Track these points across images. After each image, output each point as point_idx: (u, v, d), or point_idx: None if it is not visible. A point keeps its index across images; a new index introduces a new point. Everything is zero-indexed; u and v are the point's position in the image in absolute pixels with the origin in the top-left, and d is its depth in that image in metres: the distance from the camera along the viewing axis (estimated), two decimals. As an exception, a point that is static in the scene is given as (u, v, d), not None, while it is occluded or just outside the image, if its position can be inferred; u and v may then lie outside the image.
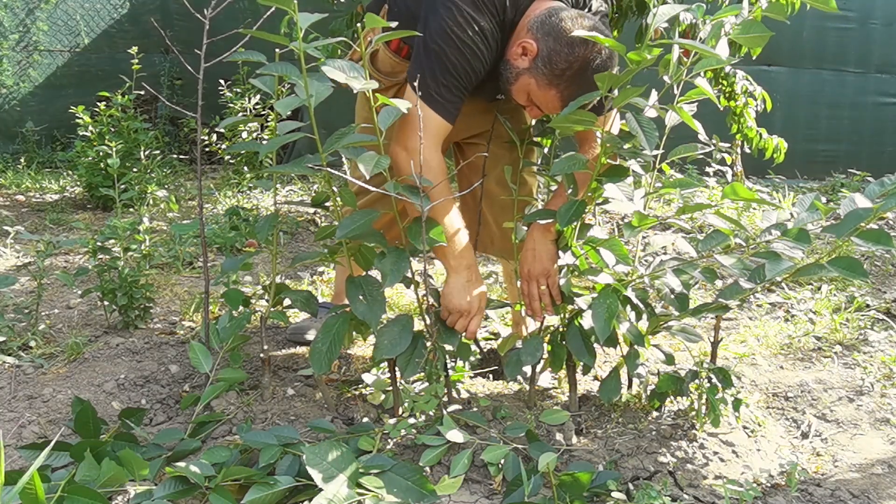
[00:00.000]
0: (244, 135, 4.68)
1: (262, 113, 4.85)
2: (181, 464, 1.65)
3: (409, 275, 1.92)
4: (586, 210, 1.87)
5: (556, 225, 1.96)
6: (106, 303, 2.61)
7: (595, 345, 1.98)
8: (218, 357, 2.05)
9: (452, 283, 1.93)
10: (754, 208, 4.36)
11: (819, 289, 3.12)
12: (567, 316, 2.04)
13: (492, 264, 3.59)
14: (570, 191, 1.95)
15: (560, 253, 1.98)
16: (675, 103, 1.88)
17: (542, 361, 2.08)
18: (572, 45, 1.78)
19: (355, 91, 1.70)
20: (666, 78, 1.97)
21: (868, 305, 2.94)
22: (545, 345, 2.05)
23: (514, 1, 1.85)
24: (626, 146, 1.81)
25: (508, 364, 2.03)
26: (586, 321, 1.97)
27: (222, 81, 4.96)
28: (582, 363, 2.03)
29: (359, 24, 1.70)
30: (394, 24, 1.69)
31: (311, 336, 2.50)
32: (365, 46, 1.72)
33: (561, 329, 2.04)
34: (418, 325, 2.01)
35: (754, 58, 4.21)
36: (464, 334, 1.97)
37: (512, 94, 1.91)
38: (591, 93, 1.69)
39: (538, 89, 1.85)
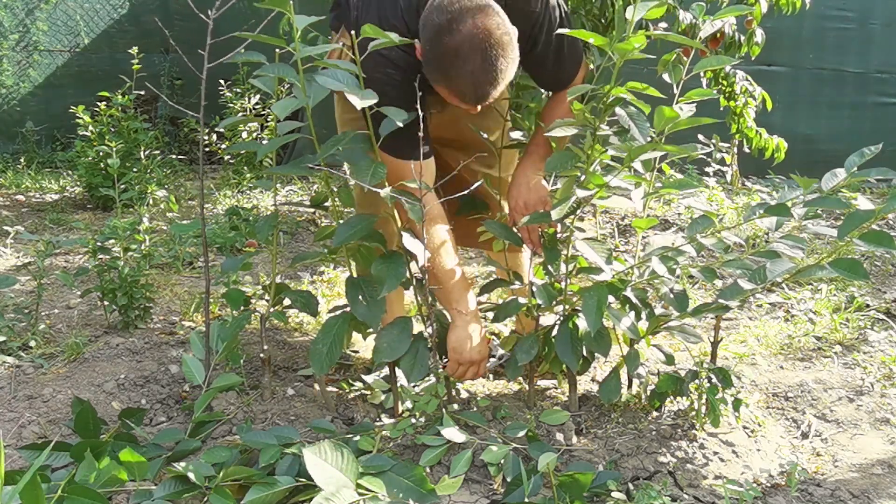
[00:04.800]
0: (244, 135, 4.68)
1: (262, 113, 4.85)
2: (181, 464, 1.65)
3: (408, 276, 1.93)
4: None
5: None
6: (106, 303, 2.61)
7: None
8: (214, 360, 2.05)
9: (461, 333, 1.92)
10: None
11: (819, 289, 3.12)
12: (561, 315, 2.03)
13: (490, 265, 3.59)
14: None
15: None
16: (675, 103, 1.88)
17: (541, 362, 2.08)
18: (437, 37, 1.65)
19: (358, 106, 1.67)
20: (666, 77, 1.98)
21: (868, 305, 2.94)
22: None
23: (412, 12, 1.76)
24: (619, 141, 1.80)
25: (509, 366, 2.03)
26: (581, 322, 1.96)
27: (222, 81, 4.96)
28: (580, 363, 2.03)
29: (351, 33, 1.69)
30: (395, 37, 1.67)
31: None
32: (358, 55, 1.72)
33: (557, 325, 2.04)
34: (416, 326, 2.01)
35: (754, 58, 4.20)
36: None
37: None
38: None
39: (437, 88, 1.75)
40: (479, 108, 1.75)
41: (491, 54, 1.64)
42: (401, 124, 1.70)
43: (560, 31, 1.79)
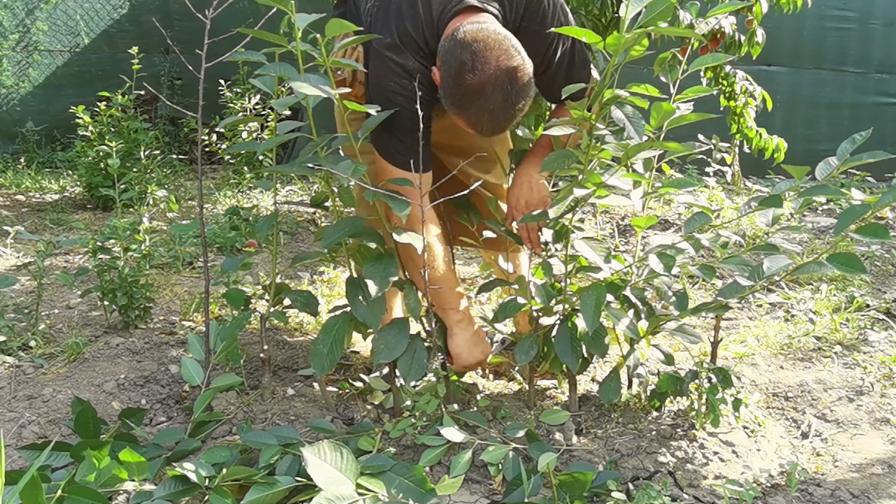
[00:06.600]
0: (244, 135, 4.68)
1: (262, 113, 4.85)
2: (181, 464, 1.65)
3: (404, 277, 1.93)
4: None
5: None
6: (106, 303, 2.61)
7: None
8: (214, 360, 2.05)
9: (460, 340, 1.95)
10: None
11: (819, 289, 3.12)
12: (560, 315, 2.03)
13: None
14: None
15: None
16: (672, 102, 1.88)
17: (541, 362, 2.08)
18: (459, 74, 1.66)
19: (335, 99, 1.68)
20: (663, 77, 1.97)
21: (868, 305, 2.94)
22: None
23: (433, 28, 1.76)
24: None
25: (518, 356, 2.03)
26: (581, 322, 1.96)
27: (222, 81, 4.96)
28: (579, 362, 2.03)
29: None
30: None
31: None
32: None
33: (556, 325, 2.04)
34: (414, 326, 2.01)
35: (754, 58, 4.21)
36: None
37: None
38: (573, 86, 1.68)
39: (452, 116, 1.76)
40: None
41: (511, 94, 1.67)
42: (375, 109, 1.70)
43: (552, 30, 1.79)
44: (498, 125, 1.72)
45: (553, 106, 2.12)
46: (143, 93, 4.47)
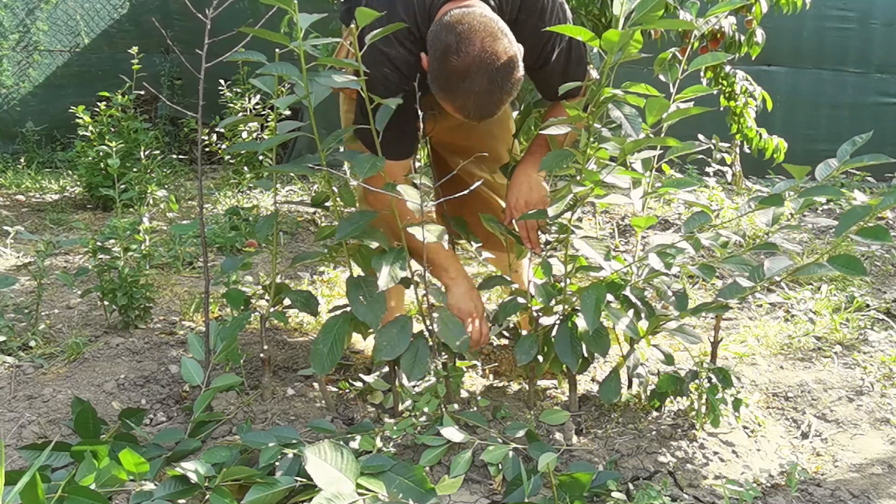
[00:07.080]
0: (244, 135, 4.68)
1: (262, 113, 4.85)
2: (181, 464, 1.65)
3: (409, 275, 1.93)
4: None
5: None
6: (106, 303, 2.61)
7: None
8: (213, 360, 2.05)
9: (455, 292, 1.98)
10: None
11: (819, 289, 3.12)
12: (560, 315, 2.03)
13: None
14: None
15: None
16: (672, 101, 1.88)
17: (541, 361, 2.08)
18: (444, 56, 1.66)
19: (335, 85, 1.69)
20: (663, 77, 1.97)
21: (868, 305, 2.94)
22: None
23: (424, 14, 1.76)
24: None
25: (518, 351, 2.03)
26: (581, 322, 1.96)
27: (222, 81, 4.96)
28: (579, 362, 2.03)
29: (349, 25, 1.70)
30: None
31: None
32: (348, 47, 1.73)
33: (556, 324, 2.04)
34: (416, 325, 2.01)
35: (754, 58, 4.21)
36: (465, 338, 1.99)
37: None
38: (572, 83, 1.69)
39: (440, 101, 1.76)
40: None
41: (497, 77, 1.66)
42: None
43: (548, 28, 1.79)
44: (485, 108, 1.71)
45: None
46: (143, 93, 4.47)
